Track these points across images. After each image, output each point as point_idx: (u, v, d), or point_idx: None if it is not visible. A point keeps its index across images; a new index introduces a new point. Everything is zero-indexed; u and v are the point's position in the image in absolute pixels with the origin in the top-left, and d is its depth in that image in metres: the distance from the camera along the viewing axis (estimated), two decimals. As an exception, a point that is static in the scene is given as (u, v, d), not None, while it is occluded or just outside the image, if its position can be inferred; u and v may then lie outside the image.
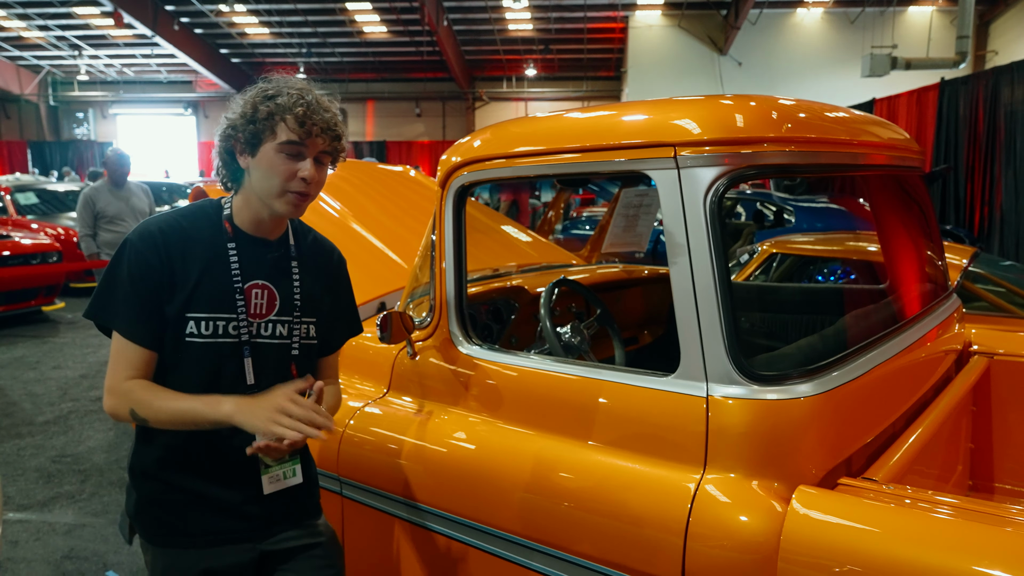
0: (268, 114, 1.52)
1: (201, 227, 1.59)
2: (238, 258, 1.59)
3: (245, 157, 1.57)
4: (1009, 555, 1.21)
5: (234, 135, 1.57)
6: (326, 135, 1.55)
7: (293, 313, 1.65)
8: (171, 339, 1.54)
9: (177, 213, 1.61)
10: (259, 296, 1.61)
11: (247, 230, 1.62)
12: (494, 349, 1.91)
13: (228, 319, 1.56)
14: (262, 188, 1.56)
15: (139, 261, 1.52)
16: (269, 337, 1.62)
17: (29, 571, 3.16)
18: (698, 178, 1.52)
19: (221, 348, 1.56)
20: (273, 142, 1.53)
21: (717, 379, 1.48)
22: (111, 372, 1.53)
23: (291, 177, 1.53)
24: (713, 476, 1.46)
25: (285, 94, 1.54)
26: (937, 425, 1.89)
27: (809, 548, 1.31)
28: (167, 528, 1.60)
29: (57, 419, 5.14)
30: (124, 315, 1.52)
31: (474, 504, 1.77)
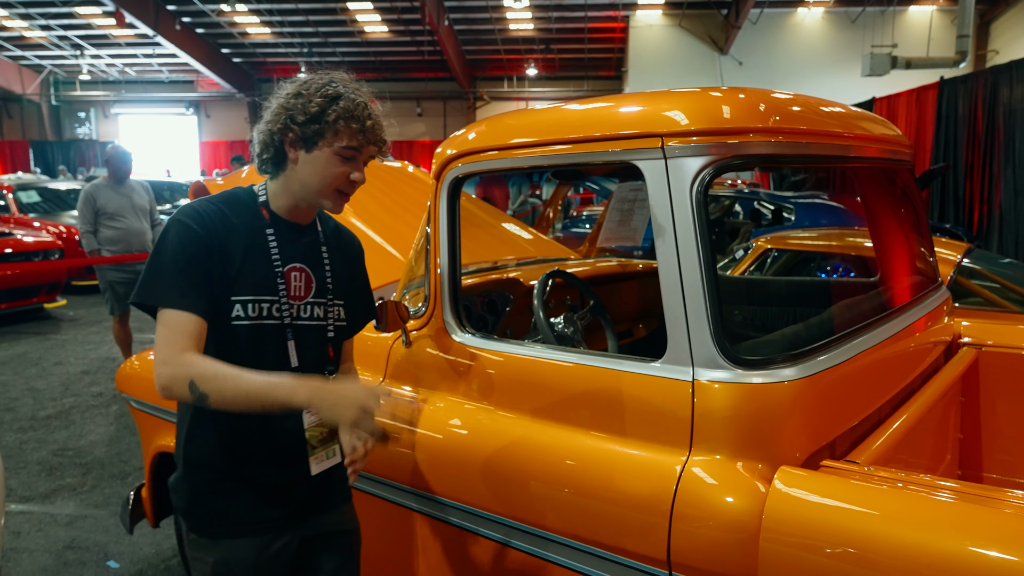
0: (336, 118, 1.56)
1: (240, 212, 1.62)
2: (276, 242, 1.63)
3: (297, 151, 1.60)
4: (988, 531, 1.24)
5: (291, 128, 1.58)
6: (380, 144, 1.64)
7: (327, 295, 1.71)
8: (220, 324, 1.55)
9: (215, 199, 1.63)
10: (297, 279, 1.66)
11: (283, 216, 1.67)
12: (487, 337, 1.95)
13: (271, 301, 1.60)
14: (310, 183, 1.60)
15: (186, 233, 1.53)
16: (308, 319, 1.67)
17: (31, 561, 3.20)
18: (685, 168, 1.56)
19: (265, 330, 1.60)
20: (332, 144, 1.58)
21: (703, 364, 1.52)
22: (165, 345, 1.48)
23: (343, 179, 1.60)
24: (699, 458, 1.50)
25: (347, 99, 1.58)
26: (923, 412, 1.92)
27: (790, 526, 1.34)
28: (222, 518, 1.61)
29: (59, 414, 5.18)
30: (175, 288, 1.51)
31: (467, 488, 1.81)
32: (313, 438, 1.63)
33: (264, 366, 1.55)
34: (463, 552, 1.86)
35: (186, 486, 1.64)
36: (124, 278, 5.72)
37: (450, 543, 1.89)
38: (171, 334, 1.49)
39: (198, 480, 1.63)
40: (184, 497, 1.64)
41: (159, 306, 1.52)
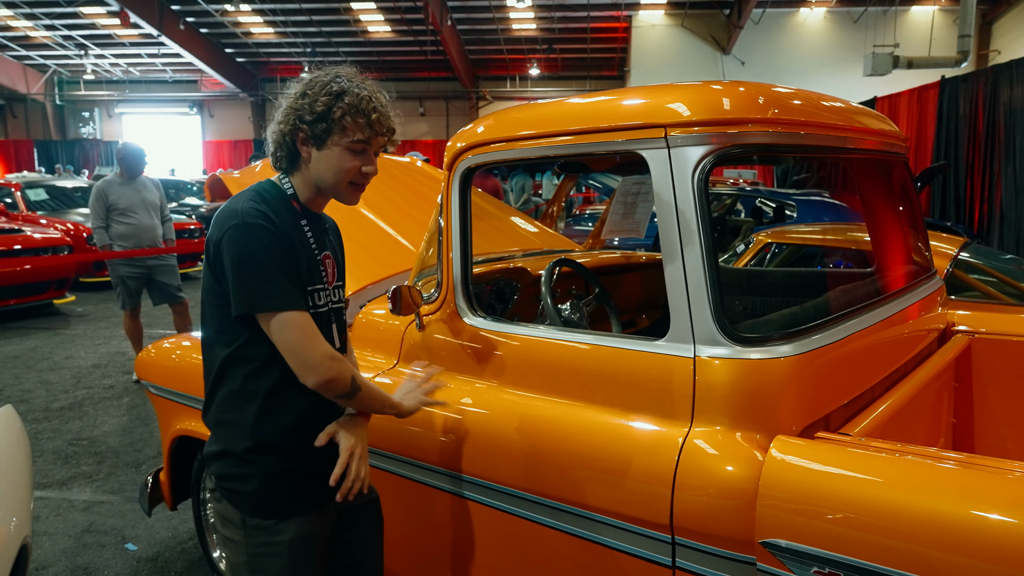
0: (342, 114, 1.63)
1: (279, 209, 1.67)
2: (311, 232, 1.73)
3: (309, 148, 1.67)
4: (976, 493, 1.32)
5: (302, 127, 1.65)
6: (388, 135, 1.71)
7: (342, 279, 1.84)
8: None
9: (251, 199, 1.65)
10: (329, 265, 1.77)
11: (310, 208, 1.76)
12: (498, 320, 2.04)
13: (322, 288, 1.73)
14: (325, 178, 1.68)
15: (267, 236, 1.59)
16: (338, 302, 1.80)
17: (52, 544, 3.29)
18: (687, 156, 1.64)
19: (323, 317, 1.73)
20: (342, 139, 1.64)
21: (704, 341, 1.60)
22: (313, 347, 1.60)
23: (355, 172, 1.68)
24: (700, 430, 1.58)
25: (352, 94, 1.64)
26: (915, 392, 2.00)
27: (785, 491, 1.43)
28: (293, 498, 1.70)
29: (72, 405, 5.28)
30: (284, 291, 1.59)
31: (480, 462, 1.90)
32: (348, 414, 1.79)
33: None
34: (478, 524, 1.95)
35: (258, 471, 1.67)
36: (135, 273, 5.82)
37: (465, 516, 1.98)
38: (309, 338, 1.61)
39: (271, 464, 1.68)
40: (255, 482, 1.67)
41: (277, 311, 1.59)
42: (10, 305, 8.30)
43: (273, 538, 1.68)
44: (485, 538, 1.94)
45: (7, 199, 11.48)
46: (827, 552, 1.35)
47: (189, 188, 17.23)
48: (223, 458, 1.72)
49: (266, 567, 1.68)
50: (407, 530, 2.13)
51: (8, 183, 12.27)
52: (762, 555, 1.43)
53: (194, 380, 2.77)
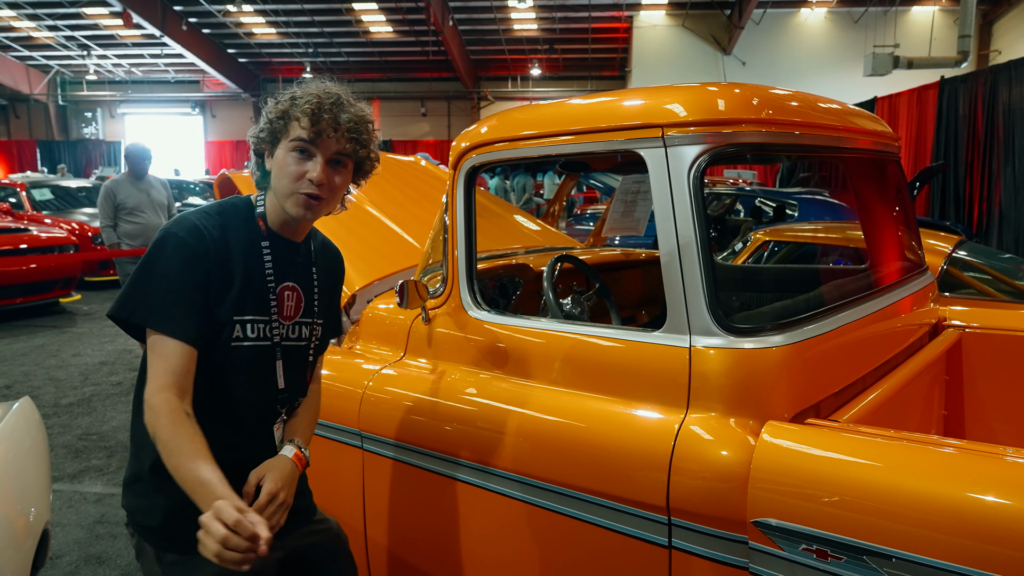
0: (283, 112, 1.52)
1: (237, 224, 1.57)
2: (271, 258, 1.59)
3: (268, 158, 1.57)
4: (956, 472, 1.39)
5: (261, 137, 1.57)
6: (340, 136, 1.51)
7: (313, 315, 1.69)
8: (217, 343, 1.50)
9: (212, 209, 1.58)
10: (290, 298, 1.62)
11: (277, 230, 1.62)
12: (501, 313, 2.11)
13: (266, 321, 1.57)
14: (276, 187, 1.55)
15: (183, 250, 1.46)
16: (296, 339, 1.65)
17: (65, 535, 3.37)
18: (683, 155, 1.72)
19: (262, 351, 1.57)
20: (286, 139, 1.52)
21: (699, 331, 1.68)
22: (148, 380, 1.42)
23: (299, 177, 1.51)
24: (695, 416, 1.66)
25: (306, 94, 1.51)
26: (904, 382, 2.08)
27: (774, 472, 1.50)
28: None
29: (80, 401, 5.36)
30: (166, 309, 1.43)
31: (483, 450, 1.97)
32: None
33: (254, 386, 1.58)
34: (482, 509, 2.02)
35: (160, 503, 1.52)
36: None
37: (469, 501, 2.05)
38: (153, 368, 1.43)
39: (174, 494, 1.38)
40: (160, 515, 1.53)
41: (148, 328, 1.45)
42: (17, 304, 8.38)
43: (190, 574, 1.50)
44: (488, 522, 2.02)
45: (12, 199, 11.57)
46: (815, 530, 1.42)
47: (192, 188, 17.31)
48: (132, 486, 1.60)
49: None
50: (409, 514, 2.20)
51: (13, 183, 12.36)
52: (754, 534, 1.50)
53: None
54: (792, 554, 1.46)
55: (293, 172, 1.51)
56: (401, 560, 2.25)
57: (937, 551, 1.30)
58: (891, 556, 1.34)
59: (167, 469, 1.37)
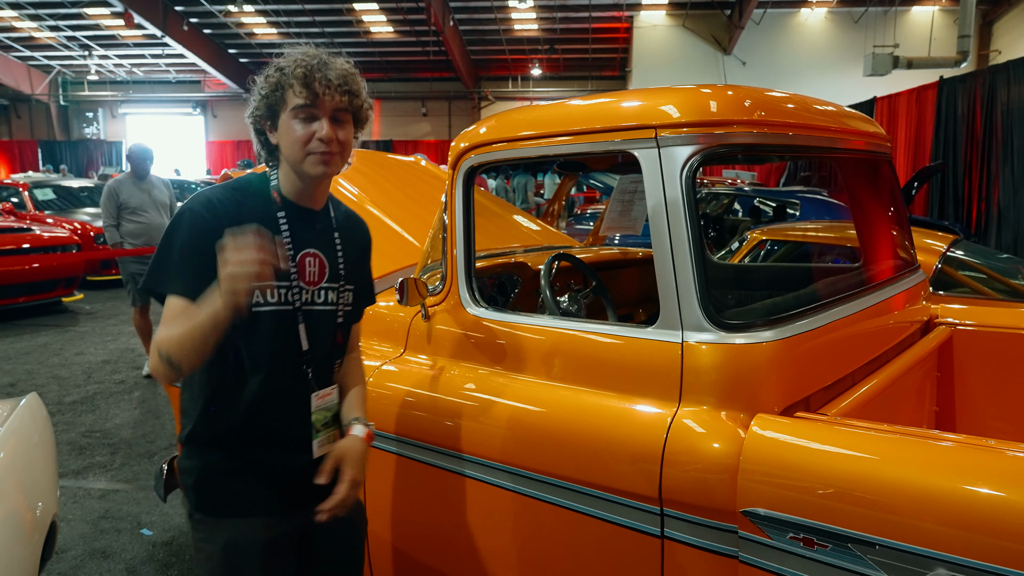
0: (276, 84, 1.59)
1: (253, 197, 1.65)
2: (288, 227, 1.66)
3: (272, 132, 1.65)
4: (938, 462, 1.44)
5: (259, 115, 1.64)
6: (335, 92, 1.59)
7: (339, 280, 1.76)
8: None
9: (228, 185, 1.66)
10: (312, 264, 1.69)
11: (293, 200, 1.68)
12: (499, 310, 2.16)
13: (286, 287, 1.64)
14: (288, 155, 1.62)
15: (198, 222, 1.56)
16: (322, 304, 1.72)
17: (70, 529, 3.41)
18: (675, 155, 1.76)
19: (283, 315, 1.64)
20: (287, 110, 1.59)
21: (691, 327, 1.72)
22: (159, 331, 1.53)
23: (308, 139, 1.58)
24: (687, 410, 1.70)
25: (290, 63, 1.59)
26: (893, 377, 2.12)
27: (764, 464, 1.54)
28: (231, 496, 1.64)
29: (84, 399, 5.41)
30: (181, 275, 1.54)
31: (481, 443, 2.02)
32: (318, 421, 1.72)
33: (278, 350, 1.65)
34: (480, 501, 2.07)
35: (196, 465, 1.66)
36: (145, 270, 5.96)
37: (467, 494, 2.09)
38: (163, 323, 1.53)
39: (208, 458, 1.64)
40: (193, 475, 1.66)
41: (167, 294, 1.56)
42: (19, 303, 8.44)
43: (212, 534, 1.64)
44: (486, 514, 2.06)
45: (14, 199, 11.63)
46: (802, 519, 1.46)
47: (193, 188, 17.36)
48: (183, 448, 1.72)
49: (202, 563, 1.66)
50: (409, 508, 2.24)
51: (16, 183, 12.42)
52: (743, 523, 1.55)
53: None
54: (780, 542, 1.50)
55: (301, 136, 1.59)
56: (402, 553, 2.29)
57: (919, 539, 1.34)
58: (875, 544, 1.38)
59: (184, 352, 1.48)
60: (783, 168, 14.99)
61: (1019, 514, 1.27)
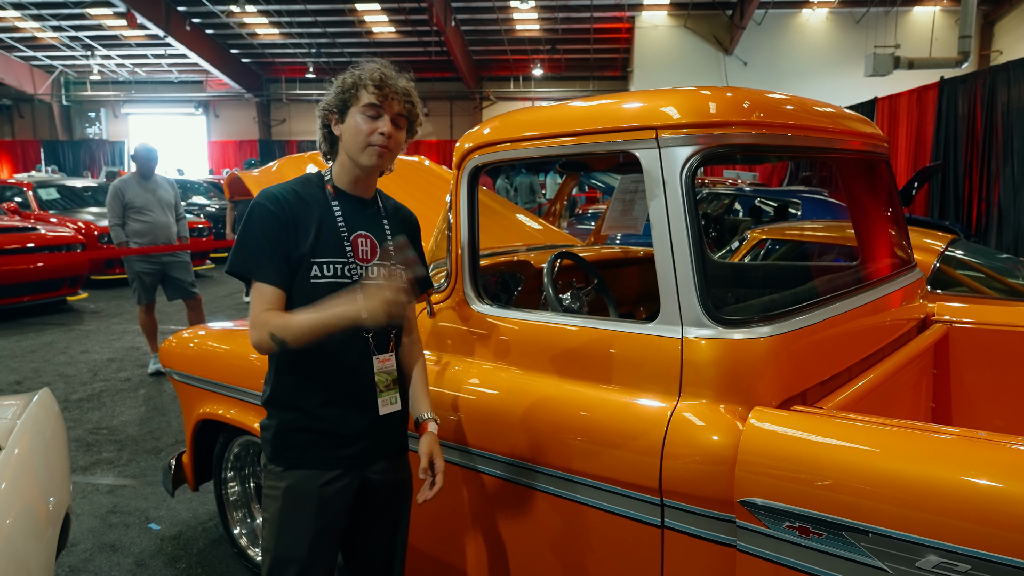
0: (352, 83, 1.85)
1: (312, 192, 1.91)
2: (341, 213, 1.90)
3: (337, 125, 1.89)
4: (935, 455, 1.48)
5: (329, 109, 1.89)
6: (400, 98, 1.86)
7: (389, 259, 1.95)
8: (301, 283, 1.83)
9: (290, 183, 1.92)
10: (364, 244, 1.92)
11: (346, 190, 1.93)
12: (503, 307, 2.21)
13: (343, 263, 1.87)
14: (350, 146, 1.86)
15: (267, 216, 1.82)
16: (375, 279, 1.90)
17: (79, 524, 3.46)
18: (676, 156, 1.81)
19: (341, 287, 1.84)
20: (357, 106, 1.84)
21: (691, 323, 1.77)
22: (252, 310, 1.82)
23: (371, 133, 1.84)
24: (687, 403, 1.75)
25: (366, 68, 1.86)
26: (889, 373, 2.17)
27: (761, 455, 1.59)
28: (298, 450, 1.87)
29: (90, 397, 5.46)
30: (258, 262, 1.81)
31: (487, 437, 2.07)
32: (380, 382, 1.91)
33: None
34: (486, 493, 2.12)
35: (274, 423, 1.90)
36: (151, 269, 6.00)
37: (473, 486, 2.14)
38: (254, 302, 1.82)
39: (284, 418, 1.89)
40: (271, 431, 1.91)
41: (251, 277, 1.83)
42: (24, 302, 8.49)
43: (277, 482, 1.88)
44: (489, 505, 2.11)
45: (19, 198, 11.68)
46: (798, 508, 1.51)
47: (197, 187, 17.42)
48: (265, 407, 1.95)
49: (268, 507, 1.90)
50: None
51: (20, 182, 12.47)
52: (741, 513, 1.59)
53: (214, 366, 2.94)
54: (776, 531, 1.55)
55: (366, 130, 1.84)
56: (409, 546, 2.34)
57: (911, 527, 1.39)
58: (868, 531, 1.43)
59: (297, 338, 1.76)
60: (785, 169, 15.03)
61: (1009, 502, 1.32)
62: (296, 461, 1.88)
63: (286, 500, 1.86)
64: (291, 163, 3.86)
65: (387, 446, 1.97)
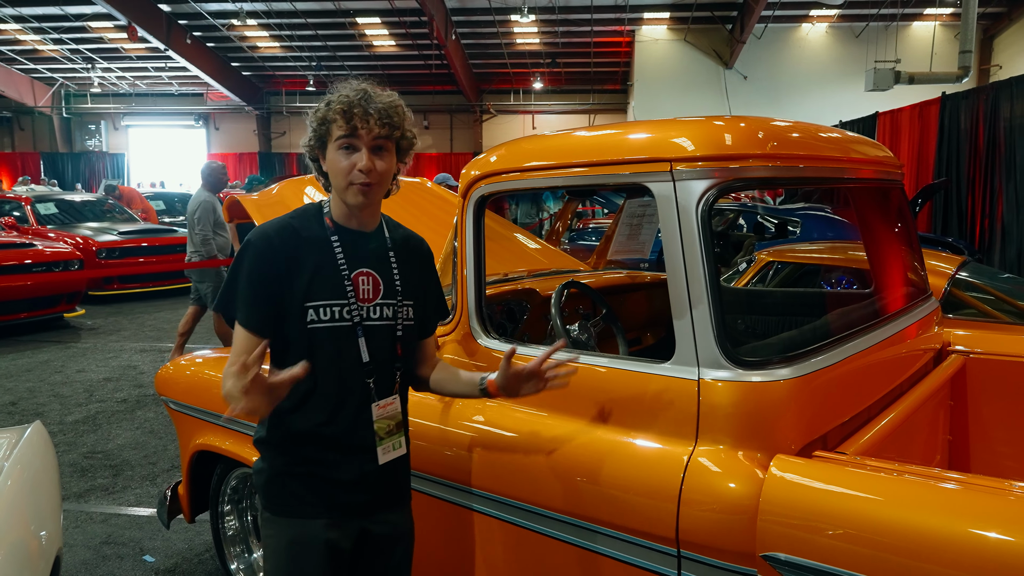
0: (322, 119, 1.72)
1: (309, 226, 1.78)
2: (342, 249, 1.77)
3: (323, 161, 1.77)
4: (968, 511, 1.41)
5: (311, 146, 1.77)
6: (375, 123, 1.68)
7: (396, 297, 1.84)
8: (296, 328, 1.72)
9: (288, 216, 1.81)
10: (366, 283, 1.79)
11: (345, 224, 1.80)
12: (510, 342, 2.13)
13: (342, 305, 1.75)
14: (335, 184, 1.75)
15: (258, 259, 1.72)
16: (378, 319, 1.81)
17: (72, 555, 3.38)
18: (691, 189, 1.74)
19: (339, 331, 1.74)
20: (332, 141, 1.71)
21: (707, 364, 1.70)
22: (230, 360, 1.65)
23: (350, 170, 1.70)
24: (704, 448, 1.67)
25: (338, 95, 1.71)
26: (910, 411, 2.09)
27: (784, 506, 1.51)
28: (297, 499, 1.76)
29: (86, 419, 5.37)
30: (242, 307, 1.72)
31: (492, 478, 1.99)
32: (381, 429, 1.79)
33: (342, 363, 1.75)
34: (491, 537, 2.04)
35: (267, 467, 1.80)
36: None
37: (480, 531, 2.06)
38: (233, 349, 1.73)
39: (278, 463, 1.79)
40: (264, 476, 1.80)
41: (235, 319, 1.75)
42: (21, 319, 8.41)
43: (278, 532, 1.78)
44: (497, 551, 2.03)
45: (16, 212, 11.62)
46: (824, 565, 1.44)
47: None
48: (257, 447, 1.85)
49: (269, 557, 1.81)
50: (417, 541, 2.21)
51: (18, 196, 12.41)
52: (763, 568, 1.52)
53: (211, 395, 2.86)
54: (801, 589, 1.47)
55: (344, 167, 1.70)
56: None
57: (945, 587, 1.32)
58: (900, 592, 1.35)
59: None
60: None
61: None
62: (292, 509, 1.78)
63: (290, 552, 1.76)
64: (291, 187, 3.80)
65: (388, 495, 1.86)
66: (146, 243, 11.17)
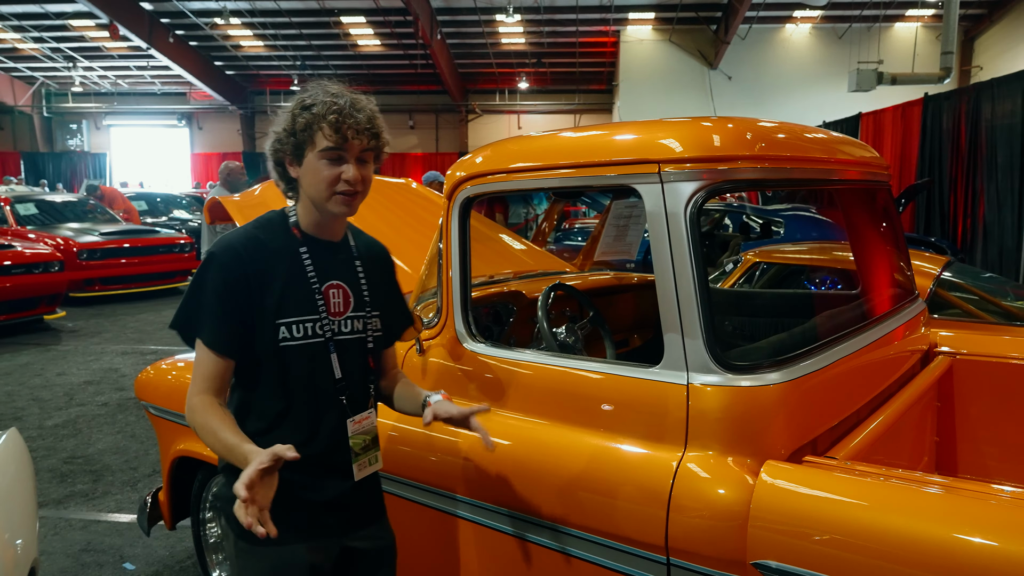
0: (306, 125, 1.62)
1: (275, 236, 1.70)
2: (311, 261, 1.70)
3: (294, 167, 1.69)
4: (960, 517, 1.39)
5: (281, 148, 1.68)
6: (363, 136, 1.64)
7: (365, 308, 1.78)
8: (267, 347, 1.64)
9: (251, 226, 1.72)
10: (336, 295, 1.73)
11: (313, 234, 1.73)
12: (496, 346, 2.10)
13: (314, 320, 1.68)
14: (312, 193, 1.67)
15: (223, 274, 1.62)
16: (349, 333, 1.75)
17: (50, 563, 3.31)
18: (680, 191, 1.72)
19: (313, 348, 1.68)
20: (314, 150, 1.63)
21: (696, 369, 1.67)
22: (193, 382, 1.62)
23: (335, 181, 1.63)
24: (693, 454, 1.65)
25: (320, 103, 1.62)
26: (898, 414, 2.08)
27: (775, 513, 1.49)
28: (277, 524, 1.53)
29: (66, 423, 5.29)
30: (207, 326, 1.62)
31: (478, 484, 1.96)
32: (356, 445, 1.74)
33: (315, 381, 1.69)
34: (477, 544, 2.01)
35: None
36: None
37: (466, 538, 2.03)
38: (194, 374, 1.65)
39: None
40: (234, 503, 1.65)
41: (194, 337, 1.65)
42: (0, 321, 8.28)
43: (256, 563, 1.68)
44: (483, 558, 2.00)
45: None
46: (815, 573, 1.42)
47: (179, 202, 17.21)
48: (224, 475, 1.74)
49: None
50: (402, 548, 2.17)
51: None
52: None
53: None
54: (792, 597, 1.45)
55: (328, 177, 1.63)
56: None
57: (938, 595, 1.30)
58: (892, 600, 1.33)
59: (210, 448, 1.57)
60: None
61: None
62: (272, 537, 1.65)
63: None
64: (274, 188, 3.73)
65: (365, 510, 1.81)
66: (128, 244, 11.04)
